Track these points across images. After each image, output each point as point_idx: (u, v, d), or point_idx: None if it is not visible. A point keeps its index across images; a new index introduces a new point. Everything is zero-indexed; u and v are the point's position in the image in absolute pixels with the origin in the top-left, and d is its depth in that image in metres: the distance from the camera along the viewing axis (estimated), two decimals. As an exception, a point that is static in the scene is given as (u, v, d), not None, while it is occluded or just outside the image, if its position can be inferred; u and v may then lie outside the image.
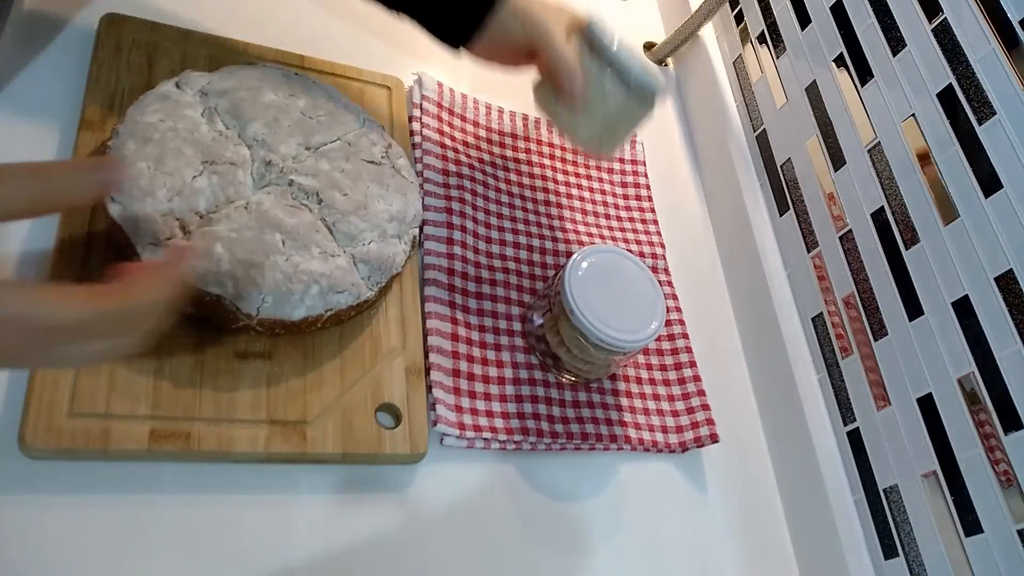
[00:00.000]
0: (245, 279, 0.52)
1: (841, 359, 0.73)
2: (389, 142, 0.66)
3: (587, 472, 0.66)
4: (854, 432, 0.70)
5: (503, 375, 0.65)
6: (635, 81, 0.64)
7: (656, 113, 0.95)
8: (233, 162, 0.56)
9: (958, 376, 0.62)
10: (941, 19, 0.67)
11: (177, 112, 0.57)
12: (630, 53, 0.64)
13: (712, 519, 0.69)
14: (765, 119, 0.87)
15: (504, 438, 0.62)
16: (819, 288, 0.77)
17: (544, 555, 0.60)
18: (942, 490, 0.62)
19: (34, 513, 0.47)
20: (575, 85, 0.63)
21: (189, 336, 0.54)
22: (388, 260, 0.60)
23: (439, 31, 0.62)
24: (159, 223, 0.52)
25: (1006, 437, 0.58)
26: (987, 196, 0.62)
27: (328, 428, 0.55)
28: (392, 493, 0.58)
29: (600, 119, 0.66)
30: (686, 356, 0.74)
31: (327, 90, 0.65)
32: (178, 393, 0.52)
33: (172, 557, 0.49)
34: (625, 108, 0.66)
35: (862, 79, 0.75)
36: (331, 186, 0.59)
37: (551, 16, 0.64)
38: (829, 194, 0.77)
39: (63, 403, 0.49)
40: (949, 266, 0.64)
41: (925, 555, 0.63)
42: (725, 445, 0.73)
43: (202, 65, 0.65)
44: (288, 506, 0.54)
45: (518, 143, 0.81)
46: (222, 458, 0.52)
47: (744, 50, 0.92)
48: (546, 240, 0.76)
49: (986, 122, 0.62)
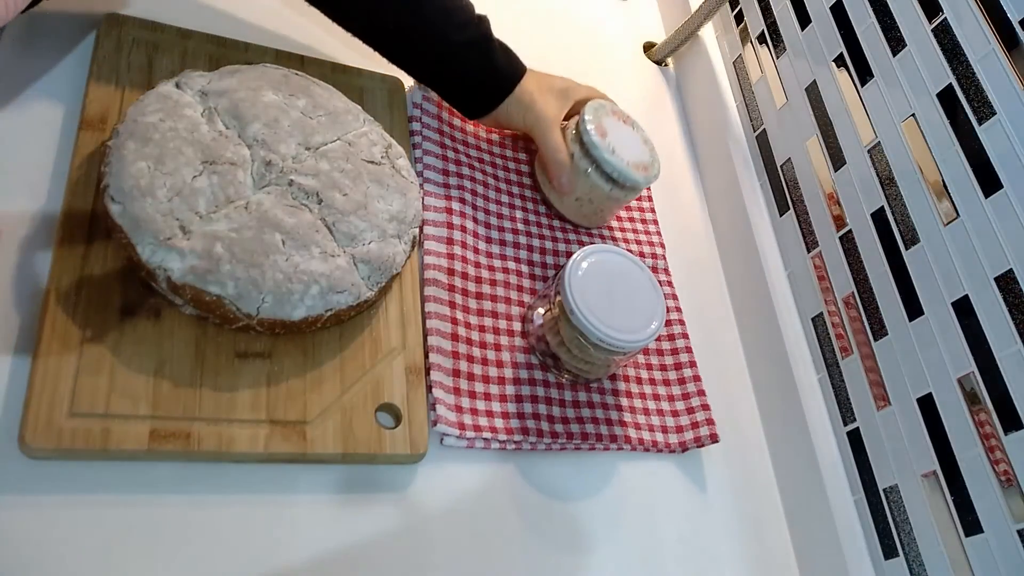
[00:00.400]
0: (245, 279, 0.52)
1: (841, 359, 0.73)
2: (389, 142, 0.66)
3: (587, 472, 0.66)
4: (854, 432, 0.70)
5: (503, 375, 0.65)
6: (619, 177, 0.72)
7: (656, 113, 0.95)
8: (233, 162, 0.56)
9: (958, 376, 0.62)
10: (941, 19, 0.67)
11: (177, 112, 0.57)
12: (616, 152, 0.71)
13: (712, 519, 0.69)
14: (765, 119, 0.87)
15: (504, 438, 0.62)
16: (819, 288, 0.77)
17: (544, 555, 0.60)
18: (942, 490, 0.62)
19: (34, 513, 0.47)
20: (561, 177, 0.73)
21: (189, 336, 0.54)
22: (388, 260, 0.60)
23: (455, 104, 0.74)
24: (159, 223, 0.52)
25: (1006, 437, 0.58)
26: (987, 196, 0.61)
27: (328, 428, 0.55)
28: (392, 493, 0.58)
29: (585, 202, 0.75)
30: (686, 356, 0.74)
31: (327, 90, 0.65)
32: (178, 393, 0.52)
33: (172, 557, 0.49)
34: (609, 196, 0.74)
35: (862, 79, 0.75)
36: (331, 186, 0.59)
37: (551, 109, 0.74)
38: (829, 194, 0.77)
39: (63, 403, 0.48)
40: (949, 266, 0.64)
41: (925, 555, 0.63)
42: (725, 445, 0.73)
43: (202, 65, 0.65)
44: (288, 506, 0.54)
45: (518, 143, 0.81)
46: (222, 458, 0.52)
47: (744, 50, 0.92)
48: (546, 240, 0.76)
49: (986, 122, 0.62)
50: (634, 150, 0.73)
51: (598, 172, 0.71)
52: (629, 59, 0.98)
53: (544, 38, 0.92)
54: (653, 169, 0.73)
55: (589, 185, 0.73)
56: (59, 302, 0.51)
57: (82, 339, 0.51)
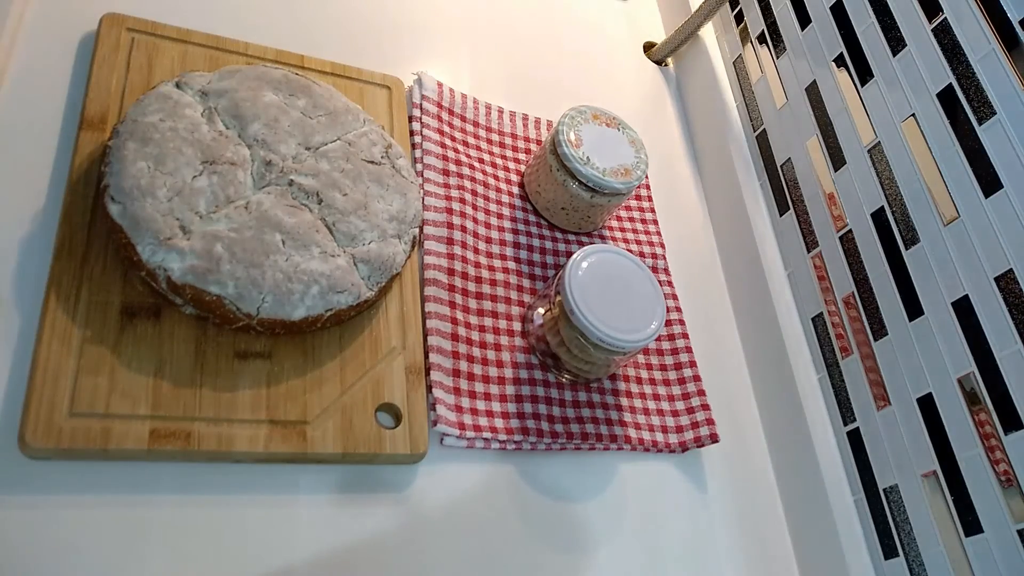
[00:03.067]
0: (245, 279, 0.52)
1: (841, 359, 0.73)
2: (389, 142, 0.66)
3: (587, 472, 0.66)
4: (854, 432, 0.70)
5: (503, 375, 0.65)
6: (595, 186, 0.71)
7: (656, 113, 0.95)
8: (233, 162, 0.56)
9: (958, 376, 0.62)
10: (941, 19, 0.67)
11: (177, 112, 0.57)
12: (590, 161, 0.71)
13: (712, 519, 0.69)
14: (765, 119, 0.87)
15: (504, 438, 0.62)
16: (819, 288, 0.77)
17: (544, 555, 0.60)
18: (942, 490, 0.62)
19: (34, 513, 0.47)
20: None
21: (189, 336, 0.54)
22: (388, 260, 0.60)
23: None
24: (159, 223, 0.52)
25: (1006, 437, 0.58)
26: (987, 196, 0.61)
27: (328, 428, 0.55)
28: (392, 493, 0.58)
29: (571, 211, 0.75)
30: (686, 356, 0.74)
31: (327, 90, 0.65)
32: (178, 393, 0.52)
33: (172, 557, 0.49)
34: (592, 203, 0.74)
35: (862, 79, 0.75)
36: (331, 186, 0.59)
37: None
38: (829, 194, 0.77)
39: (63, 403, 0.49)
40: (949, 266, 0.64)
41: (925, 555, 0.63)
42: (725, 445, 0.73)
43: (202, 65, 0.65)
44: (288, 506, 0.54)
45: (518, 143, 0.81)
46: (222, 458, 0.52)
47: (744, 50, 0.92)
48: (546, 240, 0.76)
49: (986, 122, 0.62)
50: (615, 154, 0.73)
51: (575, 182, 0.72)
52: (629, 59, 0.98)
53: (544, 38, 0.92)
54: (636, 172, 0.73)
55: (569, 195, 0.73)
56: (59, 302, 0.51)
57: (82, 339, 0.51)
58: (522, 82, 0.87)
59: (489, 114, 0.80)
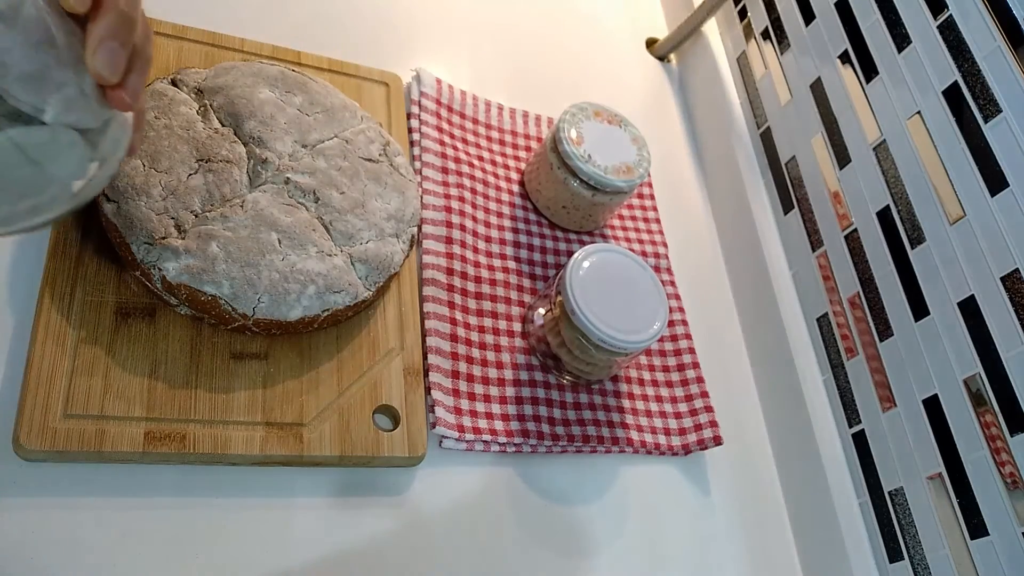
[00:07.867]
0: (241, 278, 0.52)
1: (846, 360, 0.72)
2: (387, 139, 0.65)
3: (588, 475, 0.65)
4: (859, 434, 0.70)
5: (503, 376, 0.65)
6: (597, 184, 0.71)
7: (659, 110, 0.95)
8: (229, 160, 0.56)
9: (964, 377, 0.61)
10: (947, 16, 0.66)
11: (172, 109, 0.56)
12: (592, 159, 0.71)
13: (715, 522, 0.68)
14: (769, 116, 0.87)
15: (504, 440, 0.61)
16: (824, 288, 0.76)
17: (544, 559, 0.60)
18: (948, 492, 0.61)
19: (28, 516, 0.47)
20: None
21: (184, 336, 0.53)
22: (386, 259, 0.59)
23: None
24: (154, 222, 0.51)
25: (1012, 439, 0.57)
26: (993, 195, 0.61)
27: (325, 430, 0.55)
28: (390, 496, 0.57)
29: (572, 210, 0.74)
30: (689, 357, 0.74)
31: (324, 87, 0.64)
32: (173, 394, 0.51)
33: (167, 560, 0.49)
34: (593, 202, 0.73)
35: (867, 76, 0.74)
36: (328, 184, 0.58)
37: None
38: (834, 192, 0.76)
39: (58, 405, 0.48)
40: (955, 266, 0.63)
41: (930, 558, 0.62)
42: (728, 447, 0.72)
43: (198, 62, 0.65)
44: (284, 509, 0.53)
45: (518, 140, 0.80)
46: (218, 460, 0.52)
47: (748, 46, 0.91)
48: (547, 239, 0.75)
49: (992, 120, 0.61)
50: (616, 152, 0.72)
51: (576, 180, 0.71)
52: (631, 55, 0.97)
53: (546, 34, 0.91)
54: (638, 170, 0.72)
55: (570, 193, 0.72)
56: (53, 302, 0.51)
57: (76, 340, 0.50)
58: (522, 78, 0.86)
59: (489, 111, 0.80)
